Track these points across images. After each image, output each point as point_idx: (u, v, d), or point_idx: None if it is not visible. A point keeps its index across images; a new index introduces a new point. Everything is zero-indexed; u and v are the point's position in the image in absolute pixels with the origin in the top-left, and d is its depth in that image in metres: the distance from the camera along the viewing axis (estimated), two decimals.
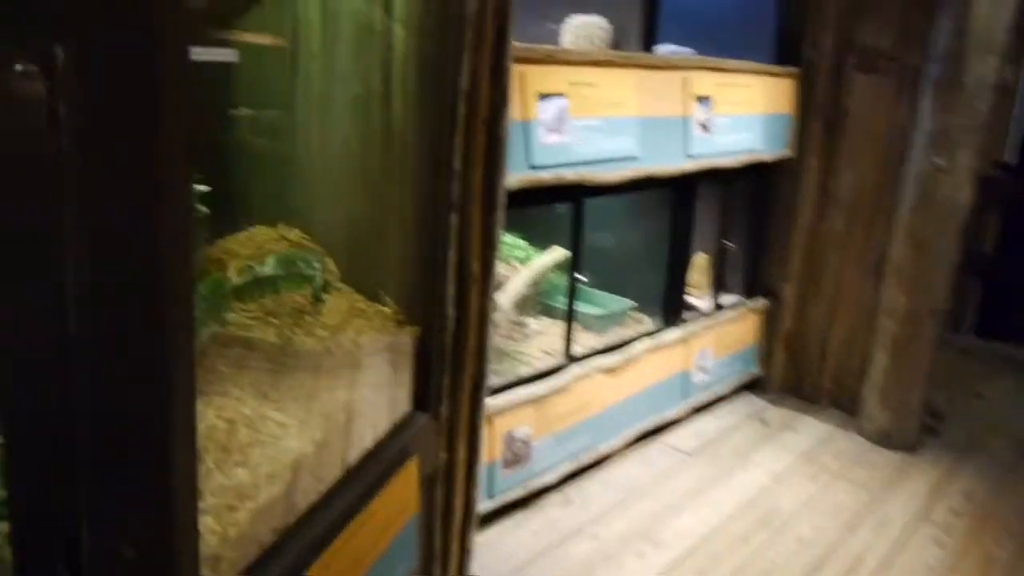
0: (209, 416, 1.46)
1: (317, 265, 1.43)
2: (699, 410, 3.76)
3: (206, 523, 1.24)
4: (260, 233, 2.16)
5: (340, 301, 1.96)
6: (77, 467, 0.92)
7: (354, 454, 1.64)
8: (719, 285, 3.84)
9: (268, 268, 1.37)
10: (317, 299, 1.53)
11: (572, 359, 3.04)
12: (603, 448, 3.21)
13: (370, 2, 1.99)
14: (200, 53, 1.40)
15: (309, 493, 1.47)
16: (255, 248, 2.08)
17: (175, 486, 1.00)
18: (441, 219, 1.90)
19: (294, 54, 2.19)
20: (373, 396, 1.75)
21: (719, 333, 3.75)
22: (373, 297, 2.02)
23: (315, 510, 1.47)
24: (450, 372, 2.03)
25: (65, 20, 0.75)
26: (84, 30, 0.77)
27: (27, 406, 0.88)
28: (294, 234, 2.16)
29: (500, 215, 2.01)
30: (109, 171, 0.83)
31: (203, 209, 1.51)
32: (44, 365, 0.87)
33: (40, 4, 0.74)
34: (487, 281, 2.04)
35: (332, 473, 1.56)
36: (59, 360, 0.87)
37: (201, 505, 1.26)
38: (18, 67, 0.74)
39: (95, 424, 0.92)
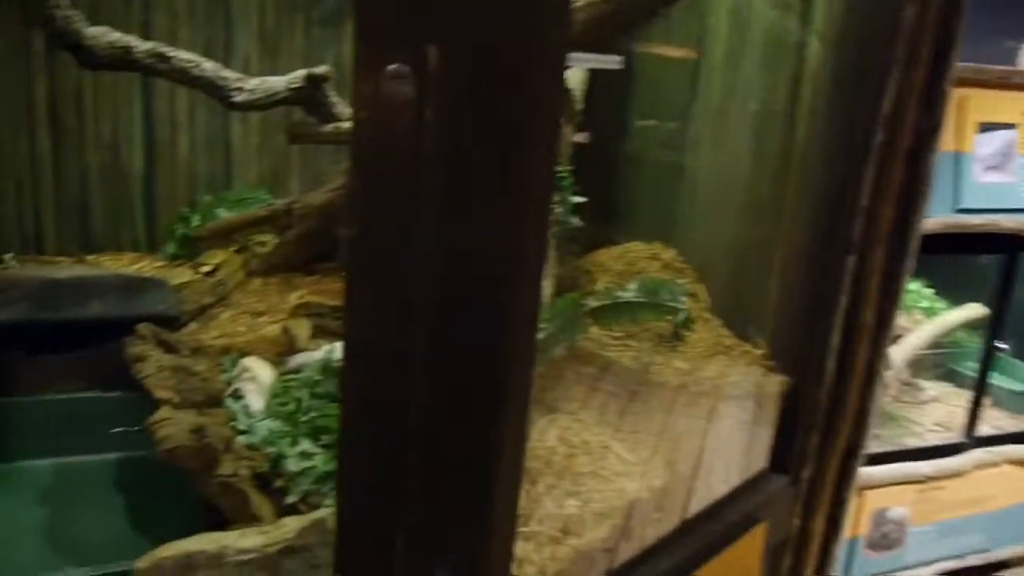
0: (551, 436, 1.41)
1: (684, 299, 1.30)
2: None
3: (526, 551, 1.17)
4: (634, 249, 2.09)
5: (705, 333, 1.82)
6: (405, 480, 0.90)
7: (694, 508, 1.49)
8: None
9: (629, 293, 1.27)
10: (677, 336, 1.39)
11: (976, 440, 2.55)
12: (999, 553, 2.65)
13: (785, 12, 1.80)
14: (585, 60, 1.34)
15: (638, 542, 1.35)
16: (626, 264, 2.01)
17: (496, 513, 0.93)
18: (835, 259, 1.65)
19: (696, 65, 2.08)
20: (726, 447, 1.58)
21: None
22: (742, 334, 1.84)
23: (641, 563, 1.35)
24: (820, 432, 1.78)
25: (440, 20, 0.71)
26: (459, 32, 0.72)
27: (363, 415, 0.87)
28: (669, 255, 2.06)
29: (910, 262, 1.70)
30: (469, 180, 0.78)
31: (577, 221, 1.46)
32: (382, 374, 0.85)
33: (416, 4, 0.70)
34: (882, 335, 1.74)
35: (667, 525, 1.42)
36: (398, 371, 0.85)
37: (524, 530, 1.21)
38: (390, 68, 0.71)
39: (425, 437, 0.88)
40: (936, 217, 2.05)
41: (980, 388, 2.54)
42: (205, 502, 1.18)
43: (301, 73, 1.66)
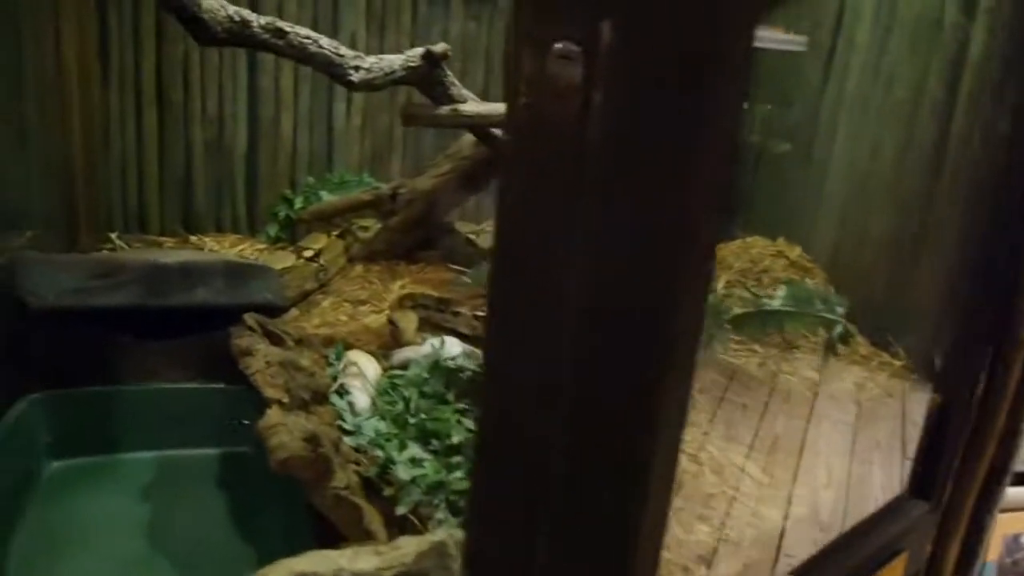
0: None
1: (840, 310, 1.16)
2: None
3: None
4: (756, 244, 1.96)
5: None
6: (543, 505, 0.80)
7: (830, 536, 1.35)
8: None
9: (777, 301, 1.14)
10: (831, 352, 1.26)
11: None
12: None
13: None
14: (768, 40, 1.21)
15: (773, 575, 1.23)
16: (748, 261, 1.88)
17: (640, 546, 0.83)
18: (991, 264, 1.48)
19: (831, 48, 1.91)
20: (864, 469, 1.43)
21: None
22: (879, 342, 1.68)
23: None
24: (961, 453, 1.61)
25: None
26: (637, 6, 0.60)
27: (502, 429, 0.77)
28: (795, 252, 1.91)
29: None
30: (639, 173, 0.67)
31: None
32: (530, 375, 0.75)
33: None
34: None
35: (802, 555, 1.29)
36: (547, 371, 0.74)
37: None
38: (557, 46, 0.60)
39: (569, 456, 0.78)
40: None
41: None
42: (310, 505, 1.11)
43: (419, 51, 1.56)
